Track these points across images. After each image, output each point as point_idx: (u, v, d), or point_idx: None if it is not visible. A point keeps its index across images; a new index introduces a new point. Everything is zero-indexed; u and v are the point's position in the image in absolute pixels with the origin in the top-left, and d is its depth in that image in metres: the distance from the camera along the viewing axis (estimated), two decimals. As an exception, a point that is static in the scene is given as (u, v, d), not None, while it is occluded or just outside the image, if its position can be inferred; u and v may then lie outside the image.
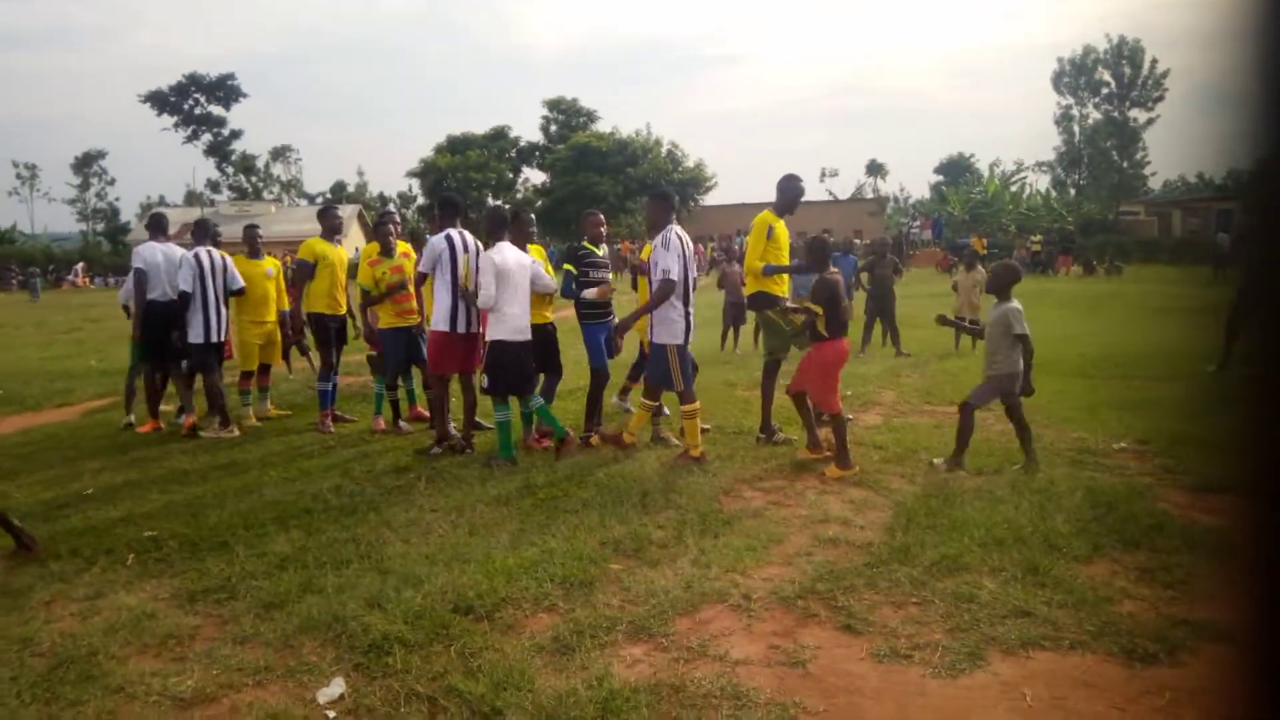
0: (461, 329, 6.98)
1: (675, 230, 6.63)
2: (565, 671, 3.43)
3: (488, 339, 6.76)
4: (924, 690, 3.27)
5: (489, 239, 6.90)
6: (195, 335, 8.03)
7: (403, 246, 8.04)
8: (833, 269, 6.58)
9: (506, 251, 6.69)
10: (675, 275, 6.46)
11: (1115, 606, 3.86)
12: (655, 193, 7.19)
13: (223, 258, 8.28)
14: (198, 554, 4.86)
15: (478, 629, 3.80)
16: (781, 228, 7.07)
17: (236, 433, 8.02)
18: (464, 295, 6.92)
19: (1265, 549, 0.78)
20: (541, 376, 7.50)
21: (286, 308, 9.03)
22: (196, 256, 8.07)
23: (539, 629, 3.82)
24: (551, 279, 7.00)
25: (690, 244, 6.80)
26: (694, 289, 6.73)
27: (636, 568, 4.46)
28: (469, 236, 7.18)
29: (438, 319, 6.98)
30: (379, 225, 8.32)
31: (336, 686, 3.35)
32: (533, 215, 7.98)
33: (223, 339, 8.27)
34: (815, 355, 6.41)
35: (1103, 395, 8.64)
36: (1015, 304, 6.12)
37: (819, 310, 6.31)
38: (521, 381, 6.83)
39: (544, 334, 7.35)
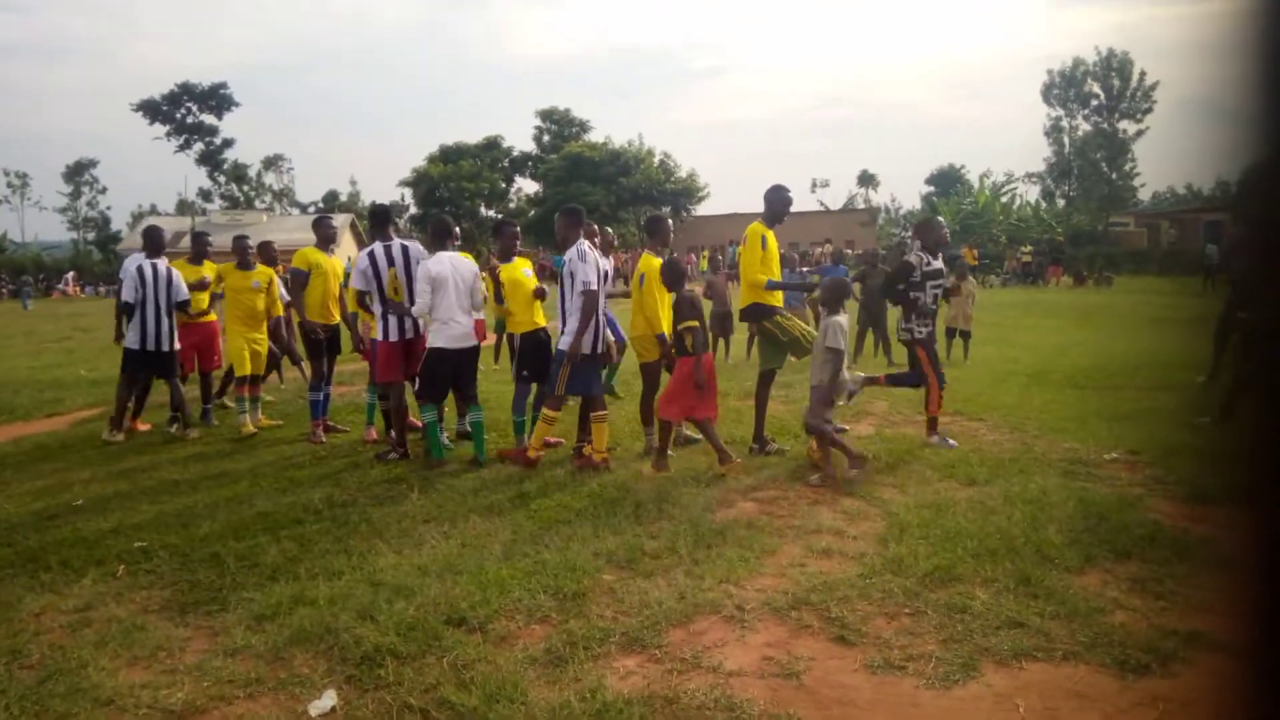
0: (395, 337, 7.18)
1: (582, 246, 6.77)
2: (558, 683, 3.42)
3: (427, 345, 6.93)
4: (917, 701, 3.27)
5: (431, 247, 7.07)
6: (131, 341, 8.21)
7: None
8: (683, 290, 6.74)
9: (445, 261, 6.83)
10: (593, 285, 6.62)
11: (1107, 617, 3.87)
12: (565, 208, 7.30)
13: (168, 269, 8.38)
14: (189, 565, 4.84)
15: (470, 640, 3.79)
16: (772, 238, 7.11)
17: (120, 437, 8.24)
18: (391, 308, 7.10)
19: (1262, 558, 0.78)
20: (535, 386, 7.51)
21: (279, 314, 9.09)
22: (139, 268, 8.21)
23: (532, 640, 3.81)
24: (479, 296, 7.10)
25: (605, 264, 6.97)
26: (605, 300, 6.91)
27: (630, 579, 4.45)
28: (396, 247, 7.31)
29: (377, 330, 7.27)
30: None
31: (328, 699, 3.34)
32: (517, 228, 7.98)
33: (165, 349, 8.31)
34: (681, 370, 6.54)
35: (1094, 405, 8.67)
36: (840, 319, 6.33)
37: (696, 324, 6.49)
38: (448, 388, 7.03)
39: (536, 341, 7.35)
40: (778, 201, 7.17)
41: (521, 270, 7.38)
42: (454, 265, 6.86)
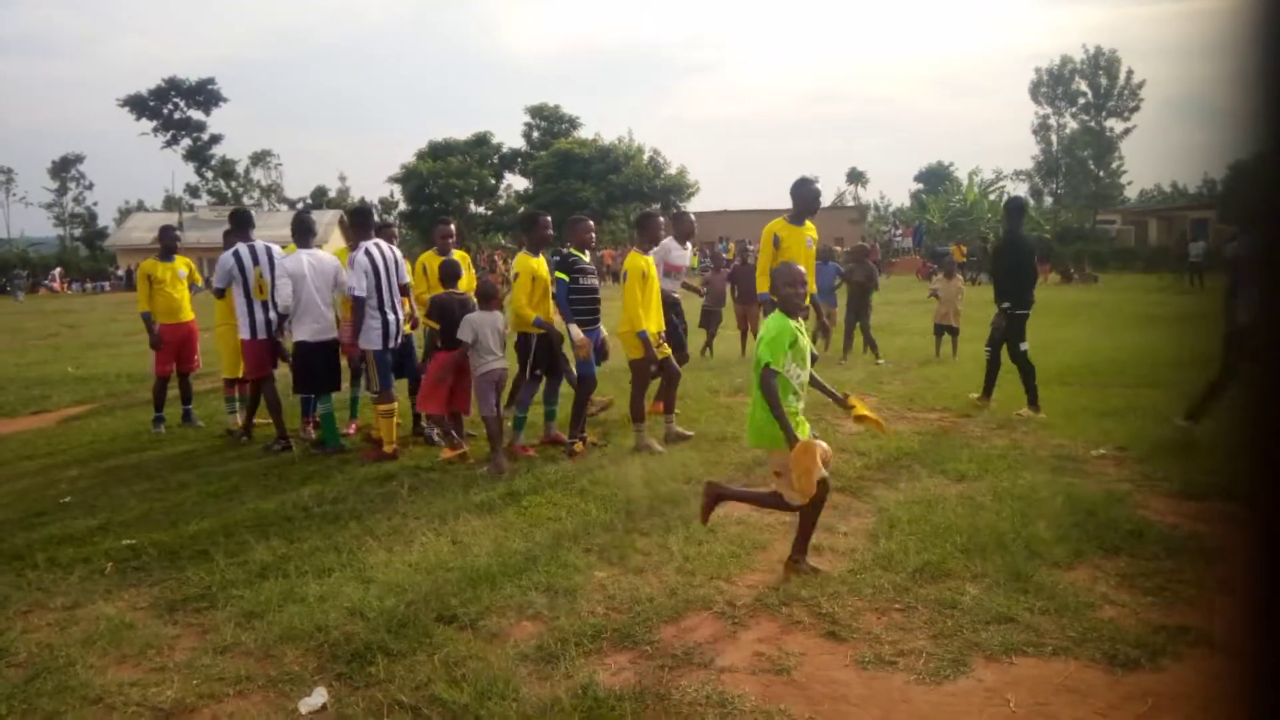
0: (263, 335, 7.63)
1: (366, 247, 7.02)
2: (549, 680, 3.42)
3: (293, 340, 7.26)
4: (908, 697, 3.28)
5: (295, 244, 7.43)
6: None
7: None
8: (452, 289, 7.14)
9: (303, 257, 7.19)
10: (361, 291, 6.92)
11: (1097, 612, 3.89)
12: (352, 209, 7.64)
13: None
14: (177, 563, 4.81)
15: (461, 637, 3.78)
16: (792, 234, 6.91)
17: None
18: (268, 306, 7.50)
19: (1259, 556, 0.79)
20: (544, 380, 7.45)
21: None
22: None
23: (523, 637, 3.80)
24: (352, 280, 7.17)
25: (390, 255, 7.16)
26: (396, 293, 7.16)
27: (621, 575, 4.45)
28: (260, 247, 7.74)
29: (241, 328, 7.65)
30: (379, 234, 8.30)
31: (319, 696, 3.33)
32: (549, 218, 7.55)
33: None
34: (432, 365, 7.04)
35: (1081, 402, 8.70)
36: (479, 315, 6.79)
37: (435, 325, 6.97)
38: (327, 381, 7.35)
39: (544, 336, 7.26)
40: (802, 196, 7.02)
41: (543, 267, 7.24)
42: (310, 262, 7.16)
